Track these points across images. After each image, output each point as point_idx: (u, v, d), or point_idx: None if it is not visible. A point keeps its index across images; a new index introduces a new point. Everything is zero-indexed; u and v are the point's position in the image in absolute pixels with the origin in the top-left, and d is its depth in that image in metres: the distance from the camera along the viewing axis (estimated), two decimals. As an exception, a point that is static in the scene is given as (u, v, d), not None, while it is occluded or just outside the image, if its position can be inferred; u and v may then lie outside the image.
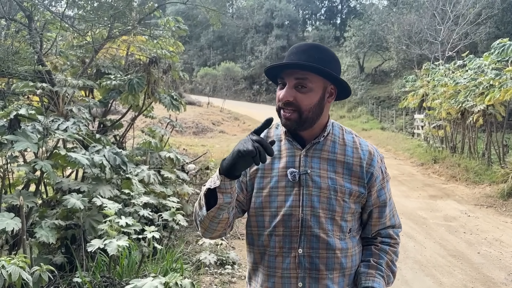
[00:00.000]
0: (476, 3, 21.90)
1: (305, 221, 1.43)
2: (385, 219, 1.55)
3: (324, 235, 1.43)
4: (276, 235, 1.46)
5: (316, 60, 1.39)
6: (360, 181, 1.48)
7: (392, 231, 1.58)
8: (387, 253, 1.53)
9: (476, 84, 9.14)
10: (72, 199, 3.57)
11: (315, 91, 1.41)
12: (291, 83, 1.40)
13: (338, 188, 1.45)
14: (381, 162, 1.55)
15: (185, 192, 5.36)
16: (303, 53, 1.41)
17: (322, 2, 51.41)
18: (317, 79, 1.41)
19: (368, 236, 1.58)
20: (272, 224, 1.46)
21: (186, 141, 14.31)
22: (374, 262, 1.51)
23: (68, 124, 4.03)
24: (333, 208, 1.44)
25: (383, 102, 26.16)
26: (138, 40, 6.45)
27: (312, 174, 1.45)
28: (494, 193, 7.42)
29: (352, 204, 1.47)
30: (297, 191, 1.45)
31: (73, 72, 5.99)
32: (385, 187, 1.55)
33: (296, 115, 1.40)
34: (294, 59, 1.41)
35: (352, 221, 1.49)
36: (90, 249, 3.04)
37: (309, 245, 1.43)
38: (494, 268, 4.38)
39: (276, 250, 1.46)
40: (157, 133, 6.41)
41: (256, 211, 1.51)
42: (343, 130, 1.57)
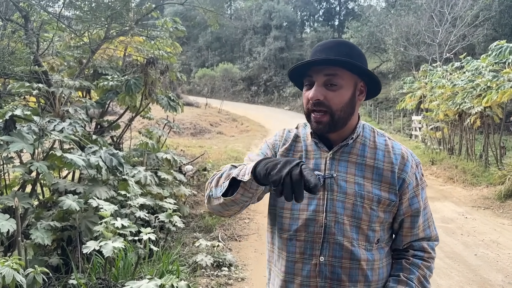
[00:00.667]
0: (474, 5, 21.98)
1: (328, 227, 1.35)
2: (417, 230, 1.43)
3: (348, 244, 1.34)
4: (297, 240, 1.38)
5: (345, 56, 1.32)
6: (391, 187, 1.37)
7: (427, 244, 1.44)
8: (419, 268, 1.39)
9: (474, 86, 9.15)
10: (68, 200, 3.55)
11: (345, 88, 1.34)
12: (320, 80, 1.33)
13: (365, 195, 1.35)
14: (416, 168, 1.43)
15: (182, 193, 5.35)
16: (330, 49, 1.34)
17: (320, 3, 51.47)
18: (348, 75, 1.34)
19: (399, 247, 1.46)
20: (293, 227, 1.39)
21: (183, 142, 14.26)
22: (404, 277, 1.38)
23: (64, 125, 4.01)
24: (359, 216, 1.35)
25: (381, 103, 26.19)
26: (136, 41, 6.44)
27: (338, 178, 1.37)
28: (492, 195, 7.42)
29: (381, 213, 1.37)
30: (321, 195, 1.37)
31: (70, 72, 5.97)
32: (418, 195, 1.42)
33: (328, 117, 1.33)
34: (321, 56, 1.33)
35: (380, 231, 1.39)
36: (86, 251, 3.02)
37: (331, 253, 1.35)
38: (491, 270, 4.37)
39: (296, 255, 1.38)
40: (154, 134, 6.40)
41: (276, 211, 1.44)
42: (374, 132, 1.47)
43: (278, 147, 1.50)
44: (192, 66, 44.55)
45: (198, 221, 5.62)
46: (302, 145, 1.47)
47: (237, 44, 45.04)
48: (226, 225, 5.66)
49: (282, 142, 1.51)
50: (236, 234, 5.39)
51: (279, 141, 1.52)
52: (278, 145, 1.51)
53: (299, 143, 1.49)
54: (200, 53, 46.08)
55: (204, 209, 6.14)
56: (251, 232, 5.52)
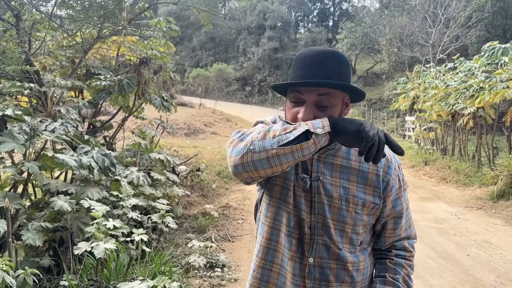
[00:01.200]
0: (467, 7, 22.13)
1: (316, 229, 1.36)
2: (400, 231, 1.45)
3: (334, 247, 1.36)
4: (293, 237, 1.38)
5: (336, 72, 1.30)
6: (376, 191, 1.38)
7: (407, 243, 1.47)
8: (403, 267, 1.42)
9: (467, 86, 9.20)
10: (60, 201, 3.52)
11: (335, 106, 1.32)
12: (311, 99, 1.29)
13: (351, 199, 1.35)
14: (398, 169, 1.43)
15: (175, 194, 5.33)
16: (320, 65, 1.29)
17: (315, 4, 51.58)
18: (338, 94, 1.32)
19: (381, 248, 1.48)
20: (291, 223, 1.38)
21: (177, 142, 14.22)
22: (391, 278, 1.40)
23: (56, 125, 3.98)
24: (344, 220, 1.35)
25: (374, 104, 26.29)
26: (129, 41, 6.40)
27: (324, 181, 1.36)
28: (484, 195, 7.46)
29: (365, 216, 1.38)
30: (308, 197, 1.36)
31: (62, 72, 5.93)
32: (401, 197, 1.43)
33: None
34: (313, 73, 1.28)
35: (363, 233, 1.41)
36: (77, 252, 2.99)
37: (320, 254, 1.36)
38: (484, 270, 4.39)
39: (291, 253, 1.39)
40: (147, 134, 6.37)
41: (272, 202, 1.40)
42: None
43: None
44: (186, 66, 44.46)
45: (191, 222, 5.59)
46: None
47: (231, 44, 45.04)
48: (219, 226, 5.65)
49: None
50: (229, 235, 5.38)
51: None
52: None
53: None
54: (194, 53, 46.01)
55: (197, 210, 6.12)
56: (244, 233, 5.51)
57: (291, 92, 1.34)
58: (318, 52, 1.33)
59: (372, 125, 1.17)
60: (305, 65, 1.31)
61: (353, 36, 29.72)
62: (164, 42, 6.74)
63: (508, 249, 5.03)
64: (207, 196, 7.22)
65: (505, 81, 7.88)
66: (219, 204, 6.80)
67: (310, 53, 1.33)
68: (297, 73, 1.32)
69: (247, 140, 1.26)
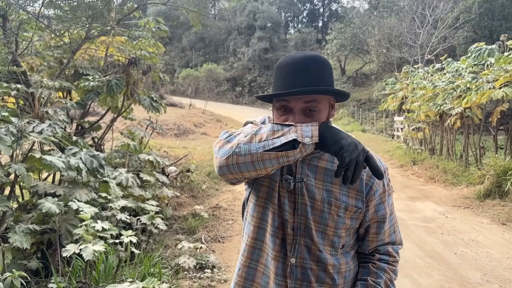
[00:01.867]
0: (454, 8, 22.39)
1: (299, 230, 1.37)
2: (383, 235, 1.45)
3: (315, 249, 1.37)
4: (277, 237, 1.40)
5: (320, 77, 1.31)
6: (359, 194, 1.39)
7: (391, 248, 1.47)
8: (386, 272, 1.43)
9: (454, 87, 9.30)
10: (47, 203, 3.50)
11: (323, 111, 1.33)
12: (298, 107, 1.30)
13: (333, 202, 1.36)
14: (384, 174, 1.40)
15: (164, 195, 5.31)
16: (304, 72, 1.30)
17: (304, 5, 51.76)
18: (324, 98, 1.33)
19: (364, 252, 1.49)
20: (275, 223, 1.40)
21: (167, 143, 14.17)
22: (372, 281, 1.41)
23: (44, 127, 3.95)
24: (325, 222, 1.37)
25: (364, 104, 26.47)
26: (118, 41, 6.37)
27: (307, 183, 1.37)
28: (471, 194, 7.55)
29: (348, 219, 1.39)
30: (291, 198, 1.38)
31: (50, 73, 5.88)
32: (385, 201, 1.43)
33: None
34: (297, 81, 1.29)
35: (346, 236, 1.42)
36: (65, 254, 2.97)
37: (301, 255, 1.38)
38: (470, 269, 4.45)
39: (274, 253, 1.40)
40: (136, 135, 6.34)
41: (259, 201, 1.43)
42: None
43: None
44: (175, 66, 44.32)
45: (181, 223, 5.58)
46: None
47: (221, 45, 45.00)
48: (209, 227, 5.64)
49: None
50: (219, 236, 5.38)
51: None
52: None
53: None
54: (184, 53, 45.89)
55: (187, 211, 6.11)
56: (234, 234, 5.51)
57: (278, 101, 1.35)
58: (300, 59, 1.33)
59: (356, 146, 1.17)
60: (288, 74, 1.32)
61: (343, 37, 29.88)
62: (153, 42, 6.72)
63: (494, 247, 5.10)
64: (197, 197, 7.21)
65: (492, 81, 7.99)
66: (209, 205, 6.80)
67: (292, 61, 1.33)
68: (281, 82, 1.33)
69: (233, 142, 1.28)
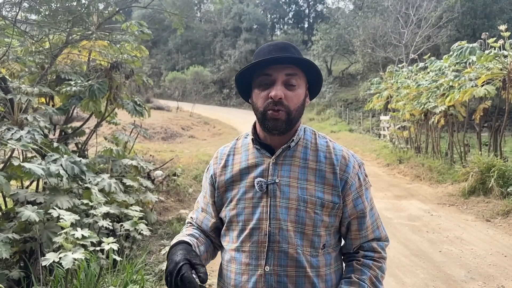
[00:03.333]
0: (437, 7, 22.63)
1: (272, 235, 1.33)
2: (366, 232, 1.41)
3: (293, 251, 1.32)
4: (242, 251, 1.37)
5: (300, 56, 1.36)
6: (334, 189, 1.36)
7: (376, 244, 1.43)
8: (371, 268, 1.38)
9: (437, 85, 9.40)
10: (27, 211, 3.43)
11: (301, 88, 1.36)
12: (281, 79, 1.33)
13: (308, 199, 1.34)
14: (358, 168, 1.42)
15: (148, 200, 5.26)
16: (284, 50, 1.35)
17: (290, 6, 51.92)
18: (302, 77, 1.37)
19: (349, 251, 1.45)
20: (240, 239, 1.38)
21: (154, 147, 14.07)
22: (356, 279, 1.36)
23: (22, 133, 3.88)
24: (303, 221, 1.33)
25: (350, 104, 26.61)
26: (100, 45, 6.31)
27: (280, 183, 1.35)
28: (456, 191, 7.62)
29: (326, 216, 1.35)
30: (265, 203, 1.35)
31: (32, 79, 5.80)
32: (363, 195, 1.41)
33: (285, 115, 1.32)
34: (281, 53, 1.34)
35: (326, 235, 1.37)
36: (44, 263, 2.92)
37: (276, 262, 1.32)
38: (455, 266, 4.48)
39: (242, 267, 1.36)
40: (120, 140, 6.28)
41: (227, 226, 1.44)
42: (315, 135, 1.47)
43: (216, 169, 1.51)
44: (162, 69, 44.14)
45: (166, 228, 5.53)
46: (243, 155, 1.47)
47: (208, 47, 44.92)
48: (195, 231, 5.60)
49: (218, 163, 1.52)
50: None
51: (214, 163, 1.53)
52: (215, 168, 1.52)
53: (238, 155, 1.49)
54: (170, 56, 45.70)
55: (173, 216, 6.06)
56: (220, 237, 5.48)
57: (259, 77, 1.36)
58: (279, 42, 1.40)
59: (170, 274, 1.24)
60: (269, 51, 1.36)
61: (328, 38, 30.02)
62: (136, 45, 6.67)
63: (478, 244, 5.15)
64: (184, 201, 7.16)
65: (474, 79, 8.09)
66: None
67: (272, 43, 1.40)
68: (263, 57, 1.34)
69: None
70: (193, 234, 1.48)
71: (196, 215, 1.57)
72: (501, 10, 21.83)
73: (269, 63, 1.32)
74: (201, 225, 1.54)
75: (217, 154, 1.55)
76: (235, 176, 1.43)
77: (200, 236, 1.49)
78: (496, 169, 7.15)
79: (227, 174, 1.46)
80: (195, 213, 1.58)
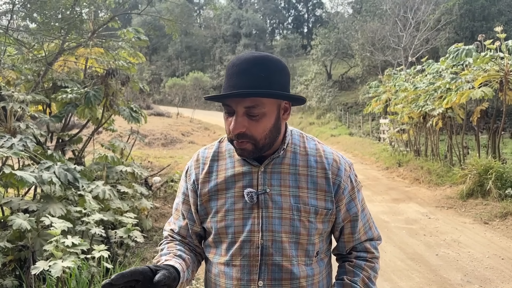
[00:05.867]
0: (436, 10, 22.67)
1: (265, 248, 1.27)
2: (359, 234, 1.39)
3: (287, 263, 1.27)
4: (233, 265, 1.29)
5: (263, 80, 1.20)
6: (327, 195, 1.31)
7: (369, 244, 1.41)
8: (363, 269, 1.36)
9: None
10: (18, 219, 3.42)
11: (268, 115, 1.24)
12: (240, 111, 1.22)
13: (302, 207, 1.28)
14: (350, 170, 1.37)
15: (143, 206, 5.25)
16: (246, 74, 1.21)
17: (289, 11, 52.12)
18: (269, 101, 1.24)
19: (342, 253, 1.43)
20: (229, 252, 1.30)
21: (154, 153, 14.10)
22: (348, 280, 1.34)
23: (14, 141, 3.88)
24: (297, 231, 1.27)
25: (350, 108, 26.59)
26: (96, 52, 6.33)
27: (272, 193, 1.28)
28: (454, 194, 7.59)
29: (320, 224, 1.31)
30: (256, 214, 1.28)
31: (28, 86, 5.82)
32: (355, 198, 1.37)
33: (252, 146, 1.24)
34: (238, 83, 1.20)
35: (319, 242, 1.33)
36: (34, 272, 2.90)
37: (270, 276, 1.27)
38: (451, 270, 4.45)
39: (234, 282, 1.29)
40: (116, 146, 6.28)
41: (214, 238, 1.35)
42: (304, 138, 1.40)
43: (199, 175, 1.39)
44: (162, 75, 44.24)
45: (161, 235, 5.51)
46: (228, 162, 1.37)
47: (207, 53, 45.06)
48: (191, 237, 5.58)
49: (200, 168, 1.40)
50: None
51: (196, 167, 1.41)
52: (197, 173, 1.40)
53: (223, 160, 1.39)
54: (170, 63, 45.82)
55: (169, 221, 6.05)
56: (217, 243, 5.46)
57: (223, 104, 1.28)
58: (244, 60, 1.25)
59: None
60: (232, 74, 1.24)
61: (327, 42, 30.04)
62: (132, 52, 6.68)
63: (475, 247, 5.11)
64: (181, 206, 7.14)
65: (471, 81, 8.08)
66: (193, 214, 6.73)
67: (237, 61, 1.26)
68: (226, 84, 1.26)
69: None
70: (181, 255, 1.34)
71: (177, 225, 1.45)
72: (499, 12, 21.82)
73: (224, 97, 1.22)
74: (185, 236, 1.44)
75: (198, 157, 1.43)
76: (220, 184, 1.34)
77: (186, 255, 1.37)
78: (494, 171, 7.11)
79: (211, 181, 1.36)
80: (176, 224, 1.46)
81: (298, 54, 41.30)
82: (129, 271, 1.08)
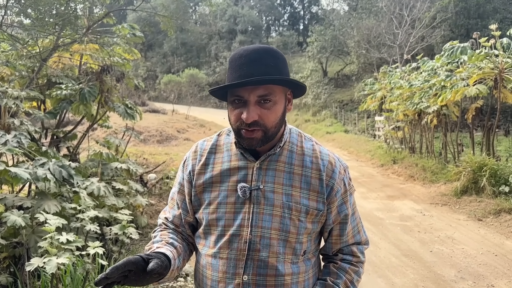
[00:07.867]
0: (431, 7, 22.71)
1: (253, 243, 1.28)
2: (346, 237, 1.41)
3: (273, 260, 1.28)
4: (220, 258, 1.31)
5: (273, 68, 1.25)
6: (320, 196, 1.32)
7: (356, 248, 1.43)
8: (347, 272, 1.38)
9: (430, 85, 9.42)
10: (12, 216, 3.41)
11: (279, 103, 1.27)
12: (253, 100, 1.24)
13: (293, 206, 1.29)
14: (344, 173, 1.38)
15: (138, 203, 5.24)
16: (257, 63, 1.24)
17: (285, 8, 52.06)
18: (280, 90, 1.28)
19: (328, 253, 1.45)
20: (218, 244, 1.32)
21: (149, 150, 14.06)
22: (331, 282, 1.36)
23: (9, 138, 3.86)
24: (287, 229, 1.29)
25: (346, 105, 26.62)
26: (91, 48, 6.30)
27: (265, 189, 1.30)
28: (449, 191, 7.63)
29: (309, 223, 1.32)
30: (247, 209, 1.30)
31: (22, 83, 5.78)
32: (347, 201, 1.38)
33: (261, 134, 1.25)
34: (250, 72, 1.22)
35: (307, 242, 1.35)
36: (28, 269, 2.89)
37: (255, 271, 1.28)
38: (445, 266, 4.48)
39: (219, 275, 1.31)
40: (111, 143, 6.26)
41: (204, 229, 1.37)
42: (302, 137, 1.41)
43: (195, 166, 1.42)
44: (157, 72, 44.11)
45: (157, 231, 5.51)
46: (225, 156, 1.39)
47: (203, 49, 44.93)
48: (187, 233, 5.58)
49: (197, 159, 1.42)
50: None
51: (193, 159, 1.43)
52: (193, 165, 1.42)
53: (220, 154, 1.41)
54: (165, 59, 45.67)
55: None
56: (212, 239, 5.47)
57: (232, 94, 1.28)
58: (253, 51, 1.27)
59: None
60: (241, 65, 1.25)
61: (323, 39, 30.01)
62: (128, 48, 6.66)
63: (469, 243, 5.15)
64: (176, 203, 7.13)
65: (465, 79, 8.11)
66: (188, 211, 6.73)
67: (244, 52, 1.27)
68: (235, 74, 1.26)
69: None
70: (173, 243, 1.37)
71: (172, 214, 1.48)
72: (494, 9, 21.91)
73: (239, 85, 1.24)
74: (178, 225, 1.46)
75: (196, 149, 1.45)
76: (215, 177, 1.36)
77: (178, 243, 1.39)
78: (488, 168, 7.16)
79: (206, 173, 1.38)
80: (171, 212, 1.48)
81: (294, 51, 41.31)
82: (122, 263, 1.12)
